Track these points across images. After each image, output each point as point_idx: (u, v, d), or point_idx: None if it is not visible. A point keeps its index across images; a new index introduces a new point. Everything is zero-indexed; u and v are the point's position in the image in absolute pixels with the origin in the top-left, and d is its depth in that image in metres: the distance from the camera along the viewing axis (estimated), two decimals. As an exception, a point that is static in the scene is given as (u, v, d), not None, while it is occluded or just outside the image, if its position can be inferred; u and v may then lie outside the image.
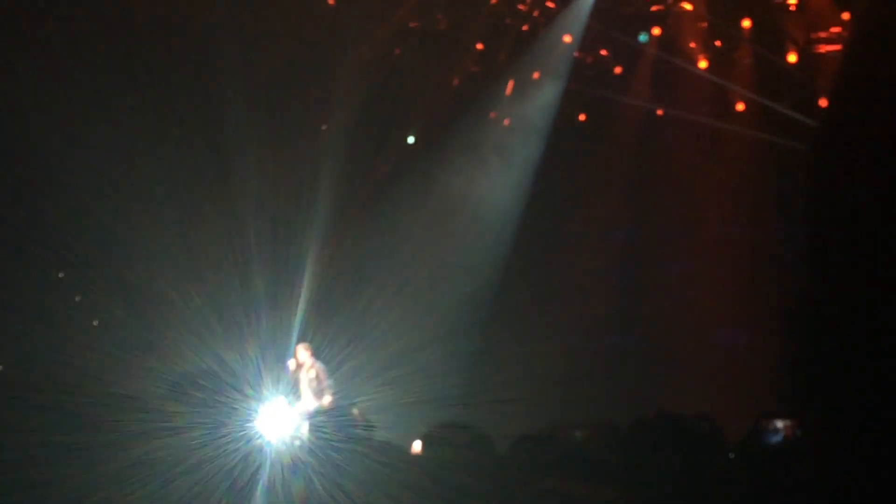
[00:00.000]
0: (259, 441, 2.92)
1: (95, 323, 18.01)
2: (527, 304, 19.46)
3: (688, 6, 18.51)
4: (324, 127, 19.47)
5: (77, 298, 18.00)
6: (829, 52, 18.22)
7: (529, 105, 19.46)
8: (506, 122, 19.74)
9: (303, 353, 15.85)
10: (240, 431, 2.86)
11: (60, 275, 17.90)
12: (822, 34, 18.34)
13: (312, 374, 15.72)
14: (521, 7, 19.03)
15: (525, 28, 19.29)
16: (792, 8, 18.17)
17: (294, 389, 15.57)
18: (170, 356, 16.45)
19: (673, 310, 19.61)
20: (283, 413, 15.13)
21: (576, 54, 19.28)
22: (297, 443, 8.72)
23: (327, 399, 15.22)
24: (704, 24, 18.71)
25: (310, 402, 15.59)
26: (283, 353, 16.09)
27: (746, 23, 18.46)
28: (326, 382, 15.71)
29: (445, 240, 19.41)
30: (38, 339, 16.46)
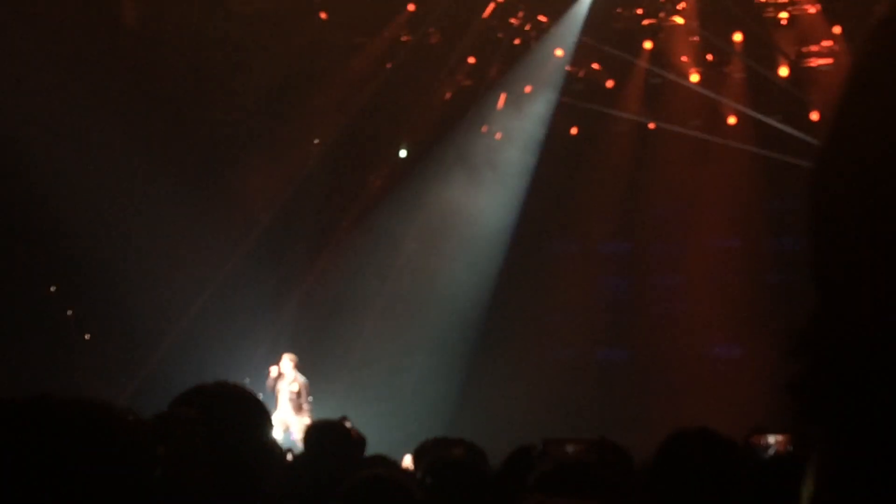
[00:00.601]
0: (256, 451, 2.90)
1: (87, 336, 17.95)
2: (519, 318, 19.46)
3: (679, 20, 18.54)
4: (316, 141, 19.47)
5: (69, 312, 17.94)
6: (821, 65, 18.27)
7: (521, 118, 19.47)
8: (498, 135, 19.76)
9: (287, 363, 15.75)
10: (239, 442, 2.84)
11: (52, 288, 17.84)
12: (814, 48, 18.40)
13: (295, 387, 15.64)
14: (512, 21, 19.05)
15: (517, 42, 19.31)
16: (783, 22, 18.22)
17: (272, 398, 15.44)
18: (163, 368, 16.41)
19: (665, 324, 19.62)
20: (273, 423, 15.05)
21: (568, 68, 19.30)
22: (290, 456, 8.67)
23: (304, 415, 15.10)
24: (696, 39, 18.75)
25: (288, 414, 15.53)
26: (272, 364, 16.08)
27: (738, 37, 18.50)
28: (306, 398, 15.62)
29: (437, 253, 19.39)
30: (29, 353, 16.39)
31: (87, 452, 1.76)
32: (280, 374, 15.64)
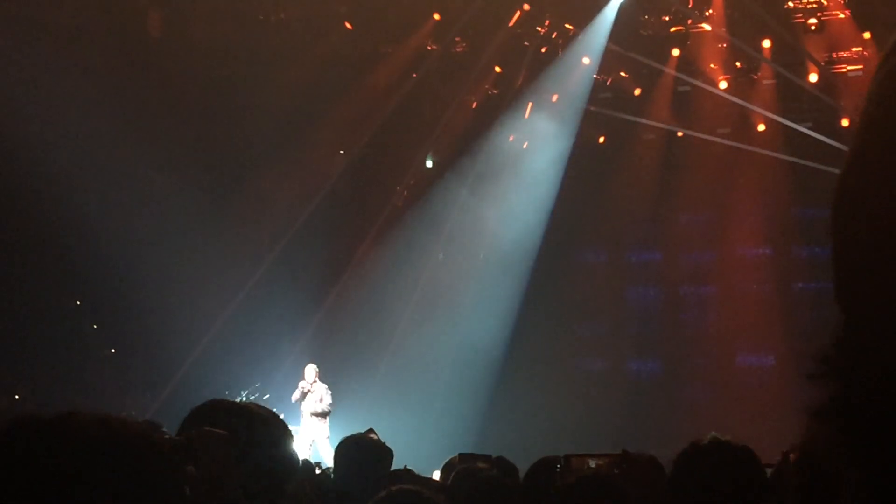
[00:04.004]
0: (280, 466, 2.84)
1: (112, 350, 17.98)
2: (548, 329, 19.34)
3: (707, 27, 18.40)
4: (341, 151, 19.45)
5: (94, 326, 17.98)
6: (851, 71, 18.09)
7: (548, 127, 19.35)
8: (525, 144, 19.66)
9: (311, 373, 16.05)
10: (260, 457, 2.78)
11: (77, 303, 17.88)
12: (844, 53, 18.22)
13: (317, 395, 15.95)
14: (539, 29, 18.94)
15: (543, 50, 19.20)
16: (813, 28, 18.04)
17: (299, 409, 15.85)
18: (188, 382, 16.41)
19: (697, 334, 19.47)
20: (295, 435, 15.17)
21: (595, 76, 19.18)
22: (318, 470, 8.60)
23: (326, 424, 15.60)
24: (724, 45, 18.59)
25: (312, 424, 15.85)
26: (297, 377, 16.28)
27: (767, 43, 18.33)
28: (328, 403, 15.96)
29: (464, 264, 19.32)
30: (54, 367, 16.43)
31: (115, 471, 1.71)
32: (309, 388, 15.94)
